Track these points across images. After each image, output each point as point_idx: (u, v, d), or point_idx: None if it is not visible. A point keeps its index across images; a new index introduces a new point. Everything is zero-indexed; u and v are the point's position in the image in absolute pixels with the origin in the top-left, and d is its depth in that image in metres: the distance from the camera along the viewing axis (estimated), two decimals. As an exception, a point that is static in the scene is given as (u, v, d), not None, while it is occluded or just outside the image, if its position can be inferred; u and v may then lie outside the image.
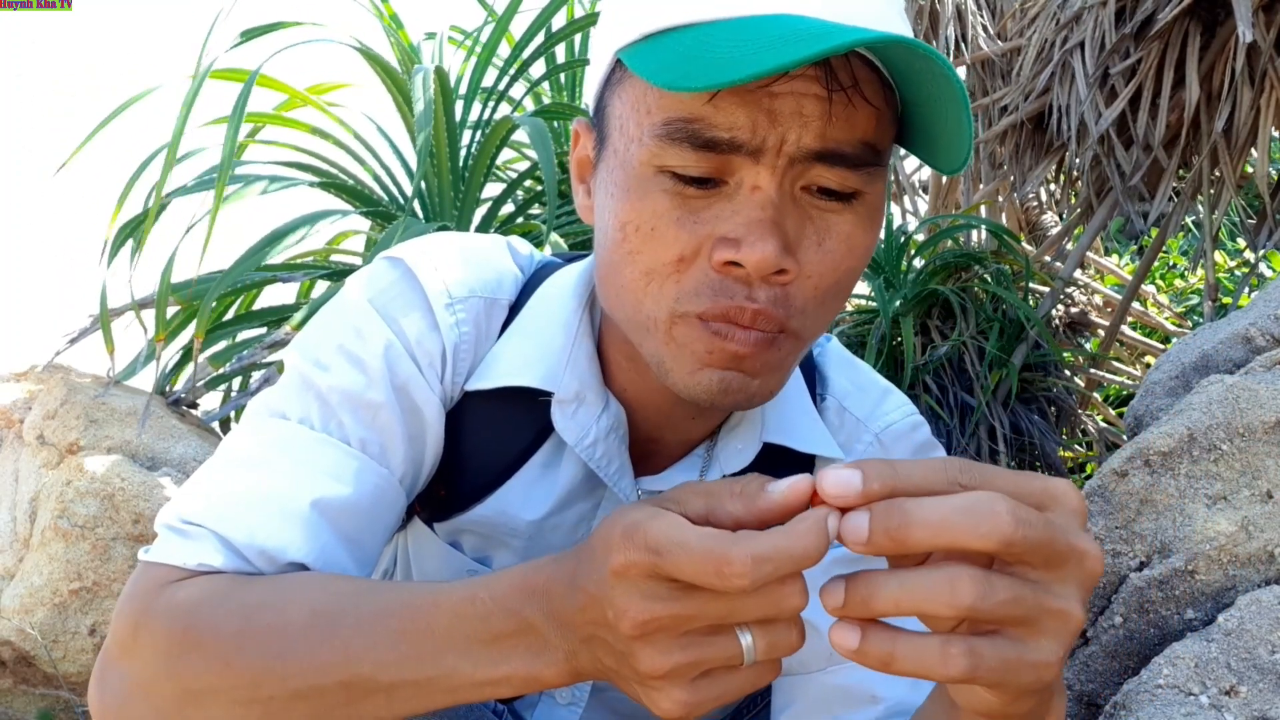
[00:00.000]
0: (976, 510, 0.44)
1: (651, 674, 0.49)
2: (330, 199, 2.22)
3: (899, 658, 0.46)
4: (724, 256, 0.60)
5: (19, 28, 10.37)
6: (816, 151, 0.60)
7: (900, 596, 0.45)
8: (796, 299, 0.63)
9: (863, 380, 0.87)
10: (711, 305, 0.62)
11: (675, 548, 0.47)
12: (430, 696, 0.57)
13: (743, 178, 0.61)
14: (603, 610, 0.50)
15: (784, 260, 0.60)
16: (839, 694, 0.76)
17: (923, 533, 0.44)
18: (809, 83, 0.58)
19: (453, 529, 0.81)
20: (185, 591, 0.62)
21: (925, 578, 0.45)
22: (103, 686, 0.63)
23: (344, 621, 0.58)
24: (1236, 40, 2.01)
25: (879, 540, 0.45)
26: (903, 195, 3.63)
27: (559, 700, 0.85)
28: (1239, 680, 0.85)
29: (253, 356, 1.82)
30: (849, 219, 0.63)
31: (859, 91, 0.59)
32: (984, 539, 0.44)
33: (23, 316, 4.77)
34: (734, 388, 0.64)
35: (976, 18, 3.07)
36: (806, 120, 0.59)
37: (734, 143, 0.59)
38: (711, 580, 0.46)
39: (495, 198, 2.37)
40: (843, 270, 0.64)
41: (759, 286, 0.61)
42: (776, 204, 0.60)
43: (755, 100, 0.58)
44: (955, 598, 0.44)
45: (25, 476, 1.70)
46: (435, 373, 0.74)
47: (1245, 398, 1.02)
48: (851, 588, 0.46)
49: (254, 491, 0.65)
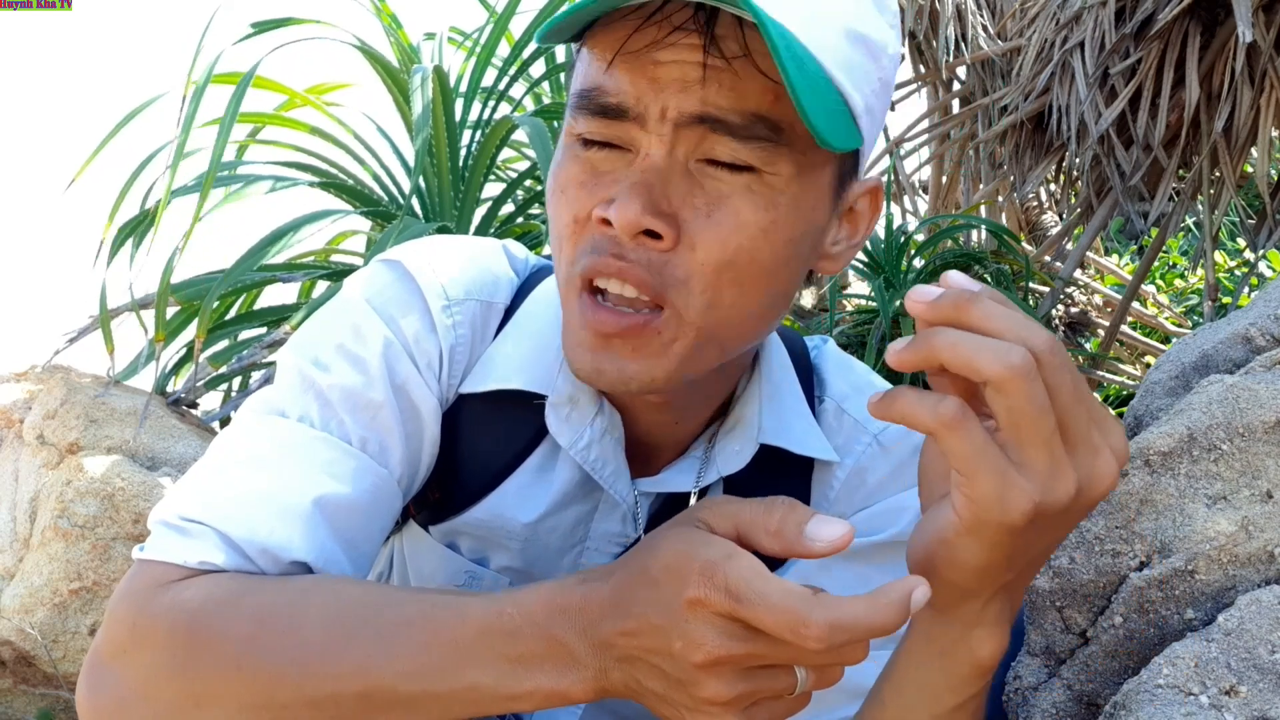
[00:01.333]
0: (1033, 325, 0.48)
1: (713, 702, 0.51)
2: (330, 199, 2.22)
3: (899, 404, 0.49)
4: (599, 214, 0.62)
5: (19, 28, 10.39)
6: (697, 115, 0.60)
7: (960, 340, 0.47)
8: (679, 269, 0.63)
9: (860, 381, 0.87)
10: (589, 262, 0.63)
11: (756, 598, 0.49)
12: (451, 709, 0.57)
13: (640, 144, 0.63)
14: (668, 639, 0.51)
15: (649, 220, 0.61)
16: (837, 689, 0.76)
17: (984, 312, 0.48)
18: (693, 50, 0.60)
19: (449, 531, 0.81)
20: (190, 591, 0.60)
21: (988, 339, 0.47)
22: (95, 689, 0.61)
23: (364, 630, 0.58)
24: (1236, 40, 2.01)
25: (960, 297, 0.48)
26: (903, 195, 3.64)
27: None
28: (1239, 680, 0.85)
29: (253, 356, 1.82)
30: (742, 193, 0.62)
31: (750, 61, 0.59)
32: (1027, 339, 0.47)
33: (23, 317, 4.77)
34: (607, 369, 0.65)
35: (976, 18, 3.07)
36: (687, 85, 0.60)
37: (620, 108, 0.62)
38: (786, 636, 0.48)
39: (495, 198, 2.37)
40: (733, 247, 0.62)
41: (631, 247, 0.62)
42: (660, 169, 0.62)
43: (641, 68, 0.60)
44: (1008, 355, 0.46)
45: (25, 476, 1.70)
46: (433, 373, 0.74)
47: (1245, 398, 1.02)
48: (919, 335, 0.49)
49: (255, 489, 0.65)
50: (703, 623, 0.50)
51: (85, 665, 0.62)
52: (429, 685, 0.56)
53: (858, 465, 0.82)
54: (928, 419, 0.47)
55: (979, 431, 0.47)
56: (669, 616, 0.51)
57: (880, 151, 3.47)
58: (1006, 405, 0.46)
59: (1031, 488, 0.48)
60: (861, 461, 0.82)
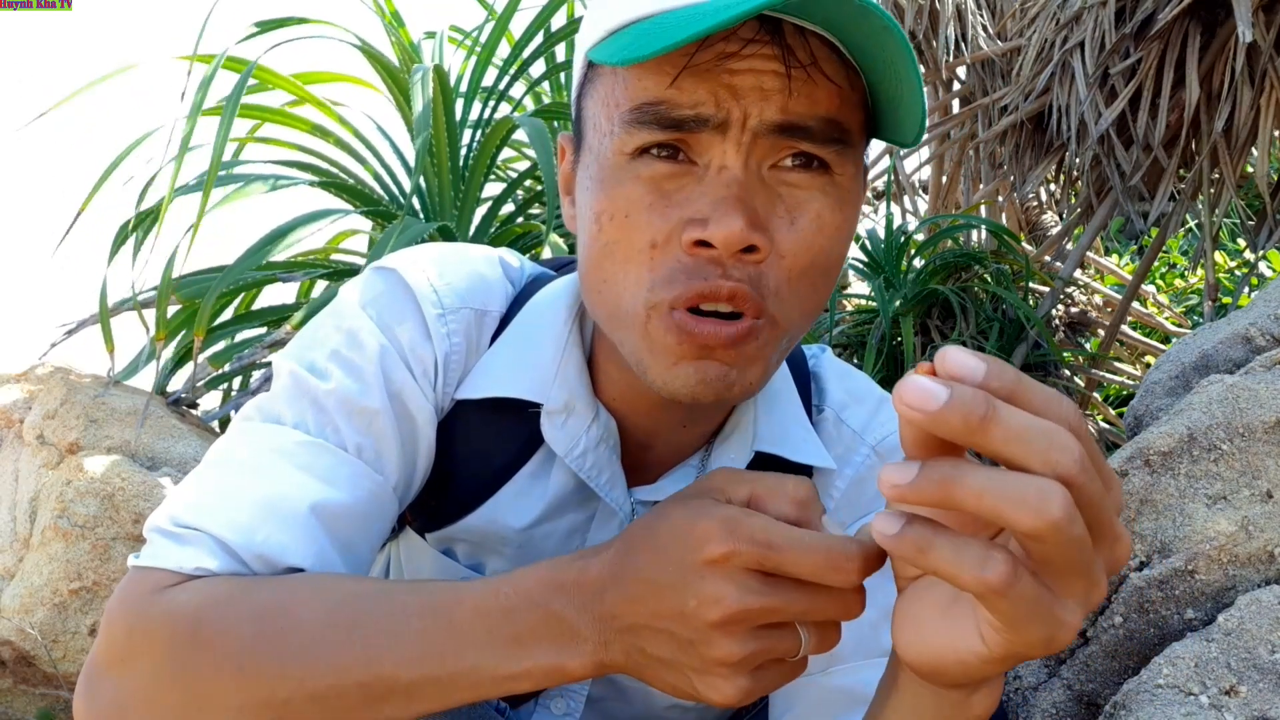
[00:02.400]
0: (1059, 436, 0.42)
1: (725, 661, 0.52)
2: (330, 198, 2.22)
3: (936, 549, 0.43)
4: (693, 236, 0.61)
5: (19, 28, 10.41)
6: (779, 124, 0.60)
7: (987, 488, 0.41)
8: (770, 279, 0.63)
9: (859, 390, 0.87)
10: (685, 289, 0.62)
11: (791, 543, 0.50)
12: (452, 694, 0.57)
13: (710, 159, 0.62)
14: (679, 599, 0.52)
15: (752, 235, 0.60)
16: (839, 695, 0.76)
17: (1004, 432, 0.41)
18: (766, 60, 0.60)
19: (444, 538, 0.81)
20: (185, 595, 0.60)
21: (1018, 479, 0.41)
22: (92, 698, 0.60)
23: (362, 621, 0.58)
24: (1236, 40, 2.01)
25: (973, 411, 0.40)
26: (903, 195, 3.64)
27: (553, 711, 0.85)
28: (1239, 680, 0.85)
29: (253, 356, 1.82)
30: (819, 197, 0.63)
31: (818, 68, 0.60)
32: (1056, 465, 0.41)
33: (23, 317, 4.77)
34: (712, 378, 0.64)
35: (976, 18, 3.07)
36: (767, 94, 0.60)
37: (699, 118, 0.60)
38: (827, 574, 0.50)
39: (495, 197, 2.37)
40: (816, 250, 0.64)
41: (732, 265, 0.61)
42: (743, 181, 0.61)
43: (715, 77, 0.60)
44: (1045, 505, 0.40)
45: (25, 476, 1.70)
46: (429, 381, 0.74)
47: (1245, 398, 1.02)
48: (929, 466, 0.42)
49: (251, 495, 0.65)
50: (722, 578, 0.51)
51: (83, 676, 0.62)
52: (429, 670, 0.56)
53: (857, 476, 0.83)
54: (971, 583, 0.42)
55: (1030, 586, 0.43)
56: (682, 577, 0.52)
57: (880, 151, 3.48)
58: (1045, 551, 0.42)
59: (1075, 617, 0.45)
60: (860, 472, 0.83)
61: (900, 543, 0.44)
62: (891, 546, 0.44)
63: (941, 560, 0.43)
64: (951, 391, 0.40)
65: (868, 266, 2.75)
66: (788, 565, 0.50)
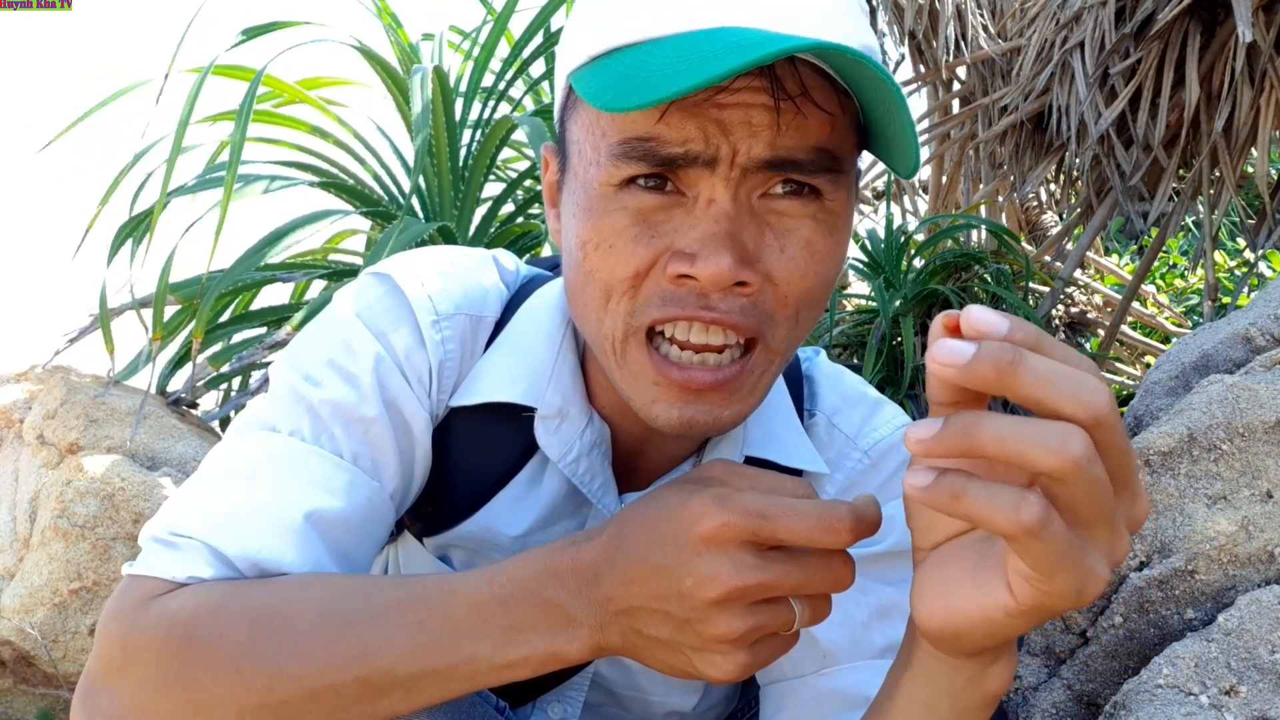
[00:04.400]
0: (1088, 379, 0.43)
1: (724, 638, 0.53)
2: (330, 198, 2.23)
3: (970, 495, 0.43)
4: (677, 269, 0.60)
5: (19, 28, 10.41)
6: (768, 160, 0.60)
7: (1008, 432, 0.42)
8: (766, 306, 0.63)
9: (852, 394, 0.87)
10: (661, 314, 0.62)
11: (783, 510, 0.51)
12: (449, 685, 0.57)
13: (699, 191, 0.61)
14: (676, 579, 0.53)
15: (741, 272, 0.60)
16: (833, 697, 0.76)
17: (1034, 376, 0.42)
18: (755, 93, 0.59)
19: (441, 544, 0.81)
20: (178, 601, 0.60)
21: (1038, 423, 0.42)
22: (91, 710, 0.60)
23: (357, 617, 0.58)
24: (1236, 40, 2.01)
25: (1002, 358, 0.42)
26: (903, 195, 3.64)
27: (551, 715, 0.85)
28: (1239, 680, 0.85)
29: (252, 356, 1.82)
30: (809, 224, 0.63)
31: (809, 99, 0.59)
32: (1088, 404, 0.42)
33: (23, 317, 4.77)
34: (699, 420, 0.64)
35: (976, 17, 3.07)
36: (756, 130, 0.59)
37: (689, 155, 0.59)
38: (821, 535, 0.51)
39: (495, 197, 2.37)
40: (809, 275, 0.63)
41: (719, 298, 0.61)
42: (732, 216, 0.60)
43: (704, 112, 0.59)
44: (1066, 445, 0.41)
45: (25, 476, 1.70)
46: (424, 388, 0.74)
47: (1245, 398, 1.02)
48: (952, 419, 0.43)
49: (246, 503, 0.64)
50: (718, 555, 0.52)
51: (79, 688, 0.62)
52: (426, 663, 0.57)
53: (849, 480, 0.83)
54: (1006, 524, 0.42)
55: (1062, 530, 0.43)
56: (677, 557, 0.53)
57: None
58: (1068, 493, 0.43)
59: (1103, 567, 0.45)
60: (852, 477, 0.83)
61: (935, 491, 0.44)
62: (925, 497, 0.45)
63: (976, 505, 0.43)
64: (979, 345, 0.42)
65: (868, 266, 2.75)
66: (782, 532, 0.51)
